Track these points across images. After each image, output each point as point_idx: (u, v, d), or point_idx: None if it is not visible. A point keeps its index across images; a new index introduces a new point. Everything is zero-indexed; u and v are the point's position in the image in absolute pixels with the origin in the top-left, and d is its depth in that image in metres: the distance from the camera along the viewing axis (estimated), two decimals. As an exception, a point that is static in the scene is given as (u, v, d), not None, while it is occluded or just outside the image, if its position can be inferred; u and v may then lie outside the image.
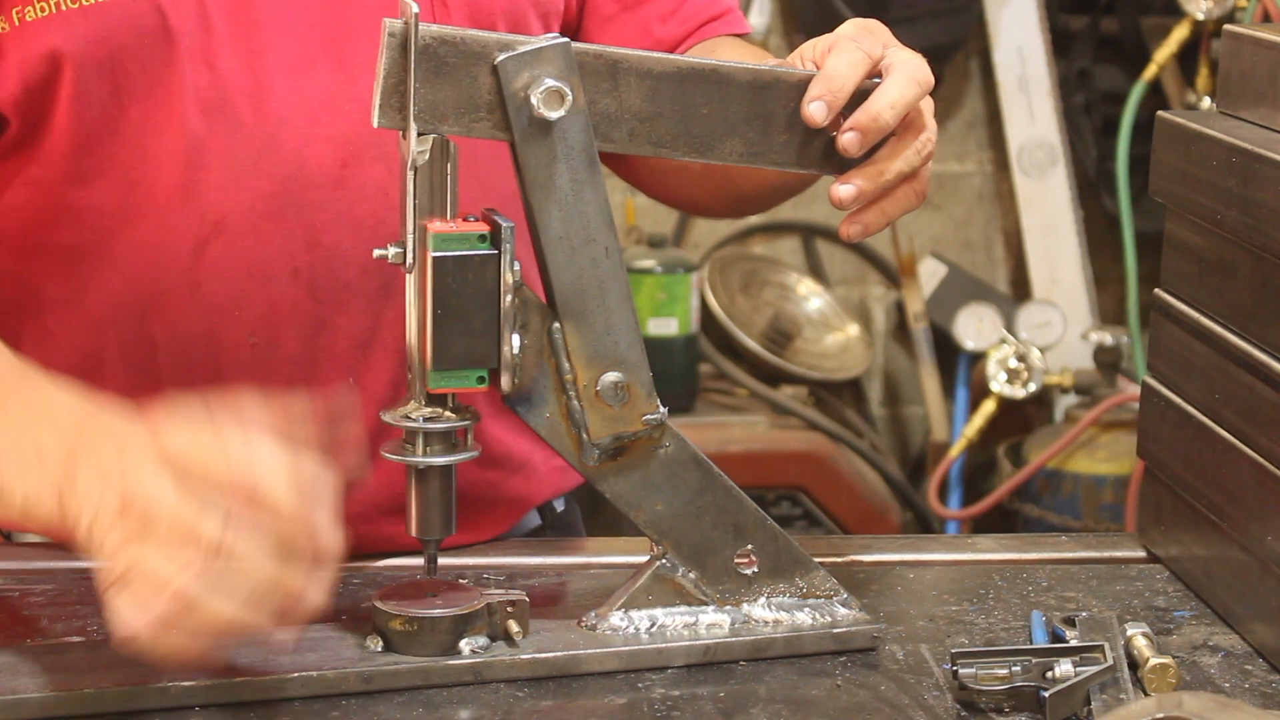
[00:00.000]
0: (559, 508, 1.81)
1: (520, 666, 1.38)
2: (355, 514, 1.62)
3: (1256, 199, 1.45)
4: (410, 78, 1.32)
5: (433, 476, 1.39)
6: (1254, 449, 1.46)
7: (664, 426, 1.41)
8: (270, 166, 1.55)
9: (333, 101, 1.55)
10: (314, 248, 1.56)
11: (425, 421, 1.37)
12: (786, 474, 3.41)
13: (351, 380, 1.59)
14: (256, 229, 1.55)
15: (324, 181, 1.55)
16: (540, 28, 1.66)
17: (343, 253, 1.56)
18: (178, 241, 1.55)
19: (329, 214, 1.56)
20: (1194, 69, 3.62)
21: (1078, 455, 3.47)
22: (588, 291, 1.38)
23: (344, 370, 1.59)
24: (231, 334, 1.56)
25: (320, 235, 1.56)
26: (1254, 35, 1.54)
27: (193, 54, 1.53)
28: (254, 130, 1.54)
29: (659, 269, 3.48)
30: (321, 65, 1.55)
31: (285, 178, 1.55)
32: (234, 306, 1.56)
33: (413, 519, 1.39)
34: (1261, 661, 1.45)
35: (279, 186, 1.55)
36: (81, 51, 1.51)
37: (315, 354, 1.58)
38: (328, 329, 1.58)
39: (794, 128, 1.42)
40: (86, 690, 1.32)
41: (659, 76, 1.38)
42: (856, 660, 1.43)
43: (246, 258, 1.55)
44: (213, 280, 1.55)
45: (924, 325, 3.75)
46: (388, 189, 1.30)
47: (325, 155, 1.55)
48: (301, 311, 1.57)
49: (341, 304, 1.57)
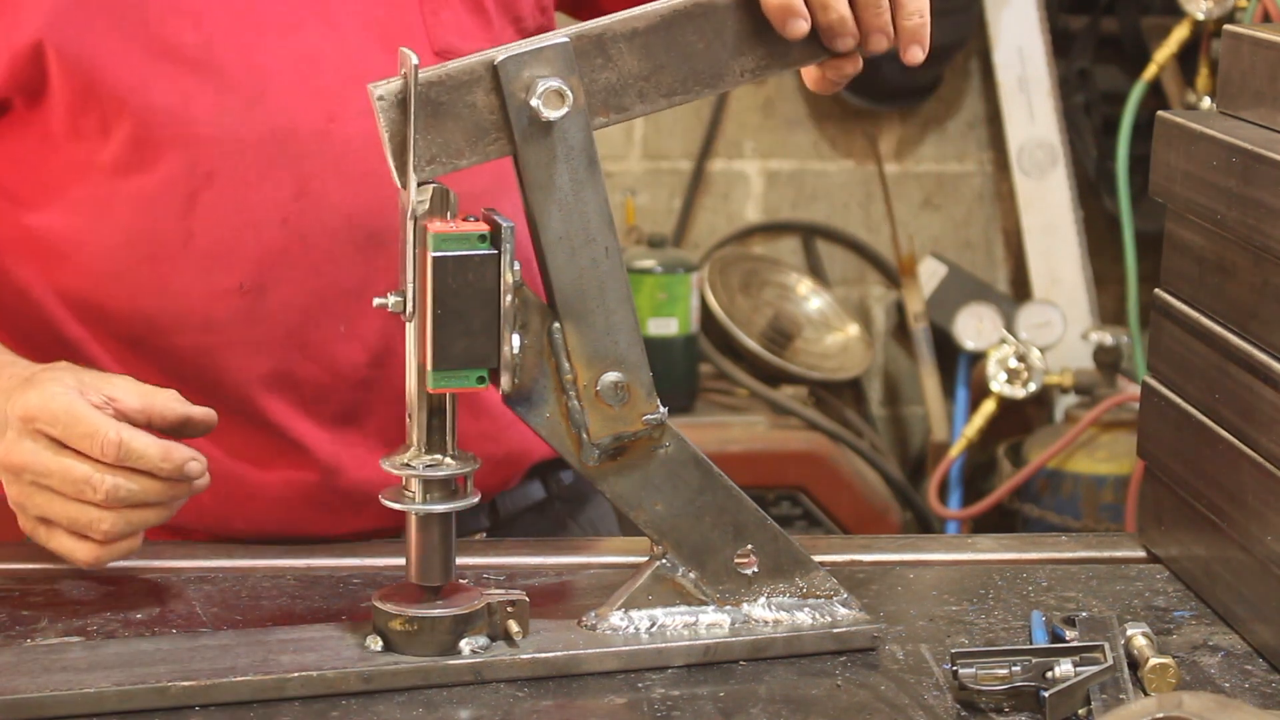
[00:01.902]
0: (566, 479, 1.81)
1: (520, 666, 1.38)
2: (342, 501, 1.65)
3: (1256, 199, 1.45)
4: (409, 130, 1.32)
5: (433, 523, 1.39)
6: (1254, 449, 1.46)
7: (664, 426, 1.41)
8: (259, 119, 1.58)
9: (321, 56, 1.59)
10: (302, 197, 1.59)
11: (426, 469, 1.37)
12: (786, 474, 3.41)
13: (343, 328, 1.61)
14: (246, 179, 1.59)
15: (311, 134, 1.59)
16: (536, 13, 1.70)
17: (331, 202, 1.59)
18: (171, 192, 1.58)
19: (316, 164, 1.59)
20: (1194, 69, 3.62)
21: (1078, 455, 3.47)
22: (588, 291, 1.38)
23: (335, 318, 1.62)
24: (223, 283, 1.60)
25: (308, 184, 1.59)
26: (1254, 35, 1.54)
27: (176, 11, 1.56)
28: (242, 83, 1.58)
29: (659, 269, 3.48)
30: (310, 23, 1.59)
31: (273, 129, 1.58)
32: (225, 254, 1.59)
33: (412, 565, 1.40)
34: (1261, 661, 1.45)
35: (267, 137, 1.58)
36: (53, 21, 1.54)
37: (306, 302, 1.61)
38: (317, 276, 1.61)
39: None
40: (86, 690, 1.32)
41: (646, 31, 1.38)
42: (856, 660, 1.43)
43: (237, 207, 1.59)
44: (204, 230, 1.59)
45: (924, 325, 3.75)
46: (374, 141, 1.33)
47: (313, 109, 1.59)
48: (291, 260, 1.60)
49: (331, 253, 1.60)
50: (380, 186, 1.40)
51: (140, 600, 1.53)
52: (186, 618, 1.50)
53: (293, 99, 1.58)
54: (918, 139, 3.96)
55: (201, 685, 1.33)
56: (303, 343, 1.61)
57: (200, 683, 1.33)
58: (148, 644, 1.41)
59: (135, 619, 1.49)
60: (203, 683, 1.33)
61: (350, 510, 1.65)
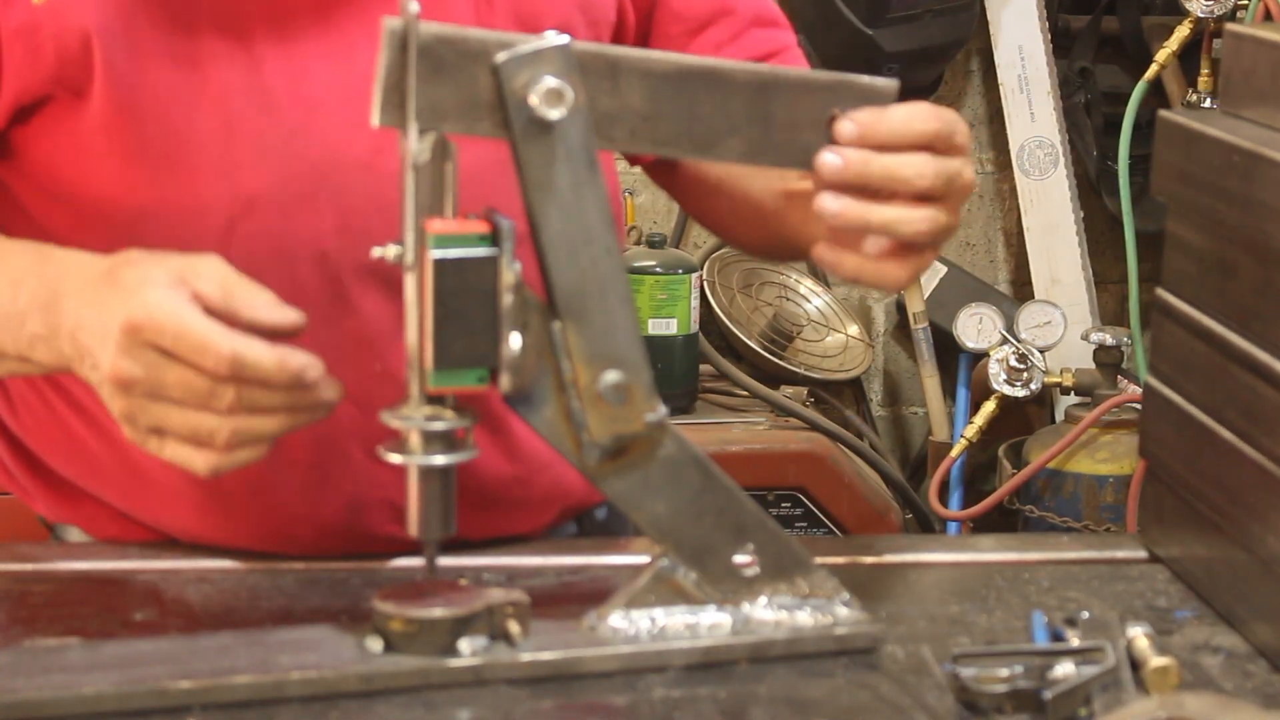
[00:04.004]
0: (599, 516, 1.80)
1: (520, 667, 1.38)
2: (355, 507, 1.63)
3: (1258, 199, 1.45)
4: (410, 76, 1.32)
5: (432, 476, 1.38)
6: (1256, 449, 1.46)
7: (664, 427, 1.41)
8: (302, 148, 1.56)
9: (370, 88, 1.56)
10: (344, 231, 1.57)
11: (426, 420, 1.37)
12: (786, 474, 3.40)
13: (379, 367, 1.59)
14: (287, 209, 1.56)
15: (355, 165, 1.56)
16: (590, 39, 1.67)
17: (372, 237, 1.56)
18: (209, 218, 1.56)
19: (359, 198, 1.57)
20: (1195, 68, 3.62)
21: (1079, 455, 3.46)
22: (588, 291, 1.38)
23: (370, 356, 1.59)
24: None
25: (350, 219, 1.57)
26: (1255, 35, 1.54)
27: (225, 37, 1.54)
28: (288, 112, 1.56)
29: (659, 269, 3.48)
30: (361, 54, 1.55)
31: (317, 159, 1.56)
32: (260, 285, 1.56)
33: (413, 519, 1.39)
34: (1263, 662, 1.45)
35: (310, 168, 1.56)
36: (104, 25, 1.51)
37: (340, 339, 1.58)
38: (353, 314, 1.59)
39: (794, 128, 1.42)
40: (85, 691, 1.32)
41: (659, 76, 1.38)
42: (857, 661, 1.43)
43: (276, 237, 1.56)
44: (240, 260, 1.55)
45: (924, 325, 3.74)
46: None
47: (358, 141, 1.55)
48: (327, 295, 1.58)
49: (368, 289, 1.58)
50: None
51: (139, 601, 1.53)
52: (186, 618, 1.50)
53: (338, 130, 1.56)
54: (918, 139, 3.96)
55: (200, 686, 1.33)
56: (337, 378, 1.60)
57: (199, 683, 1.33)
58: (146, 644, 1.41)
59: (134, 620, 1.49)
60: (202, 683, 1.33)
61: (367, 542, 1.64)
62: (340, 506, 1.63)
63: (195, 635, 1.43)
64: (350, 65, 1.56)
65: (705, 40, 1.75)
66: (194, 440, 1.39)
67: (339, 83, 1.56)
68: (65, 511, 1.73)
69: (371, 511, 1.63)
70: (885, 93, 1.43)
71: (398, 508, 1.41)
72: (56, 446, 1.69)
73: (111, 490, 1.67)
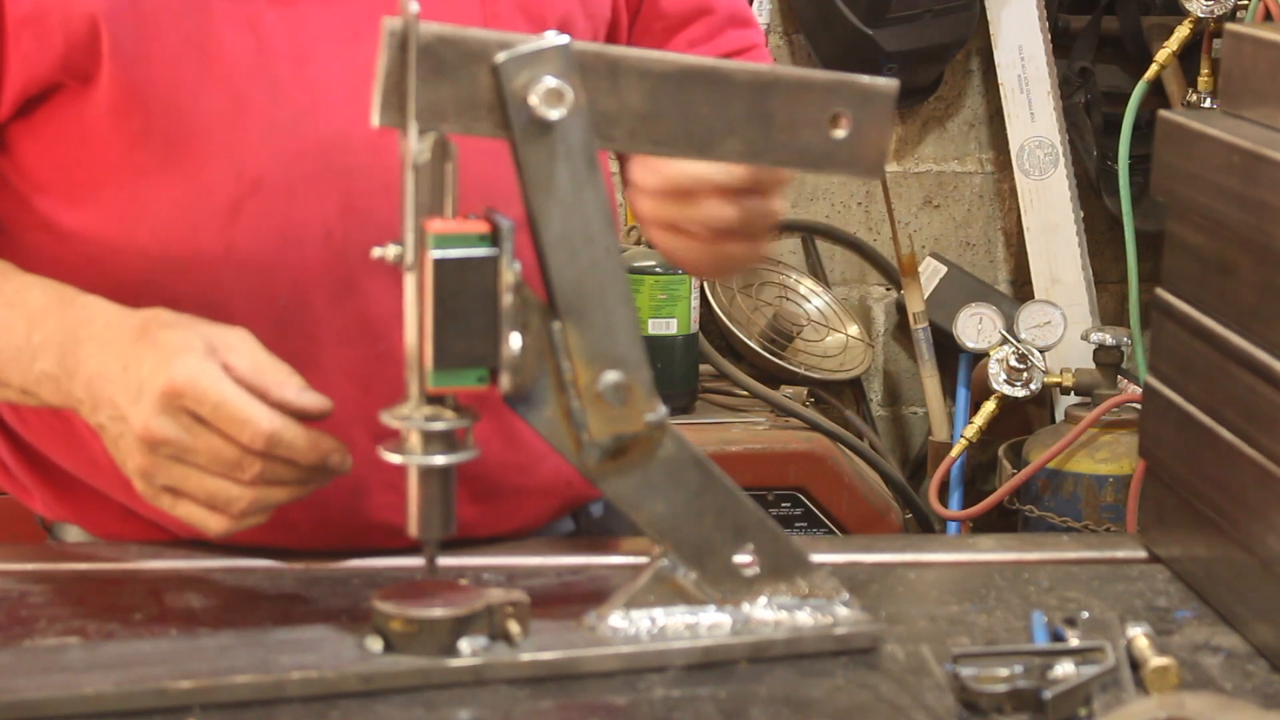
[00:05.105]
0: (595, 512, 1.80)
1: (520, 667, 1.38)
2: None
3: (1258, 198, 1.45)
4: (410, 76, 1.32)
5: (432, 476, 1.38)
6: (1256, 449, 1.46)
7: (664, 427, 1.41)
8: (309, 130, 1.57)
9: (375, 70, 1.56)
10: (349, 213, 1.57)
11: (426, 421, 1.37)
12: (786, 474, 3.40)
13: (382, 348, 1.59)
14: (293, 190, 1.57)
15: (362, 147, 1.57)
16: (589, 34, 1.68)
17: (376, 220, 1.56)
18: (214, 200, 1.56)
19: (365, 180, 1.57)
20: (1195, 68, 3.62)
21: (1078, 455, 3.46)
22: (588, 291, 1.38)
23: (374, 338, 1.60)
24: (262, 296, 1.57)
25: (355, 201, 1.57)
26: (1255, 35, 1.54)
27: (233, 18, 1.55)
28: (294, 94, 1.56)
29: (659, 269, 3.48)
30: (368, 36, 1.55)
31: (323, 141, 1.57)
32: (266, 268, 1.57)
33: (413, 519, 1.39)
34: (1263, 662, 1.45)
35: (317, 149, 1.57)
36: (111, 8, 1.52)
37: (345, 320, 1.59)
38: (358, 295, 1.59)
39: (794, 128, 1.42)
40: (85, 691, 1.32)
41: (659, 76, 1.38)
42: (857, 660, 1.43)
43: (281, 219, 1.57)
44: (246, 242, 1.56)
45: (924, 325, 3.74)
46: None
47: (364, 123, 1.54)
48: (332, 277, 1.58)
49: (373, 270, 1.58)
50: None
51: (139, 600, 1.53)
52: (186, 618, 1.50)
53: (345, 112, 1.56)
54: (918, 139, 3.95)
55: (200, 686, 1.33)
56: (341, 362, 1.60)
57: (199, 683, 1.33)
58: (146, 644, 1.41)
59: (134, 619, 1.49)
60: (202, 683, 1.33)
61: (366, 530, 1.64)
62: (341, 488, 1.63)
63: (195, 635, 1.43)
64: (357, 47, 1.56)
65: (684, 37, 1.77)
66: (210, 505, 1.44)
67: (345, 65, 1.57)
68: (64, 508, 1.73)
69: (372, 495, 1.63)
70: (885, 93, 1.43)
71: (398, 490, 1.42)
72: (57, 440, 1.69)
73: (112, 484, 1.67)
